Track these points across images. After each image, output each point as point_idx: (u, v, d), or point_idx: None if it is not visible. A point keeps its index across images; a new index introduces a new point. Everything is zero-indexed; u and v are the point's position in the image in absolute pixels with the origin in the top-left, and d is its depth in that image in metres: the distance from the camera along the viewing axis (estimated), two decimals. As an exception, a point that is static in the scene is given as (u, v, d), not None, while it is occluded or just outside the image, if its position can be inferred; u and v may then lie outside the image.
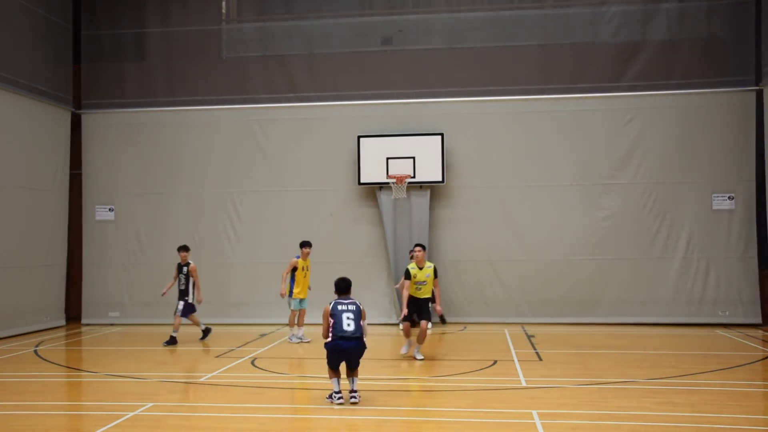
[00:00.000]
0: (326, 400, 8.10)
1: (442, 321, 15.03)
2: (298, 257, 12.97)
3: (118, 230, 16.52)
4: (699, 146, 15.12)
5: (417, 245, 11.15)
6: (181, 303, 12.89)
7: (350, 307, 8.20)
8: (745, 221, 14.94)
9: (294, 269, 12.89)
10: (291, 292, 12.89)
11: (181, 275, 13.03)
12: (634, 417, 7.30)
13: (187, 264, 13.03)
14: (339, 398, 7.99)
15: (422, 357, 11.02)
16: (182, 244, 13.49)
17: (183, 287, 12.99)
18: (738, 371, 10.01)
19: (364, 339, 8.19)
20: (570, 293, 15.30)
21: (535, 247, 15.47)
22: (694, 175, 15.11)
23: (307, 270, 13.09)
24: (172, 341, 12.79)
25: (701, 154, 15.12)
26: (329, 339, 8.07)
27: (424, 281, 10.90)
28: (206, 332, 13.37)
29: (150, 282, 15.64)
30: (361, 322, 8.16)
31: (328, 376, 8.19)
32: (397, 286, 14.88)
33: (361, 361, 8.24)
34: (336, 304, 8.21)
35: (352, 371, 8.21)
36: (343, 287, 8.39)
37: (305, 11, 16.71)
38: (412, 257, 11.44)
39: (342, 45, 16.43)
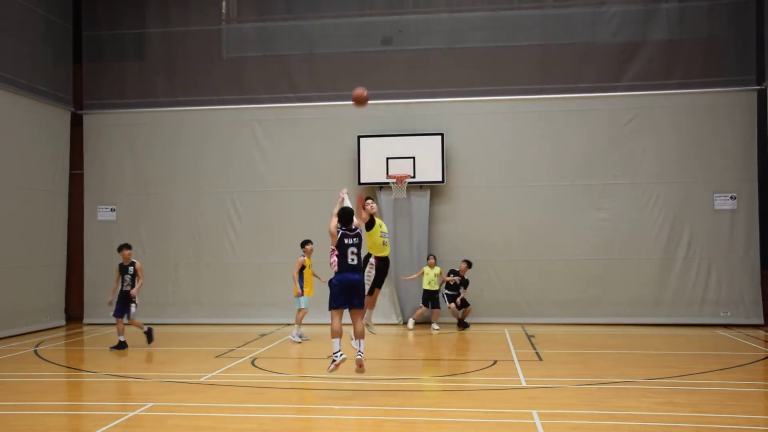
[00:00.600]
0: (329, 370, 8.46)
1: (464, 326, 14.64)
2: (303, 256, 12.96)
3: (120, 230, 16.50)
4: (700, 146, 15.10)
5: (367, 197, 10.10)
6: (133, 306, 12.20)
7: (354, 240, 8.73)
8: (747, 221, 14.91)
9: (302, 268, 12.88)
10: (301, 291, 12.86)
11: (126, 276, 12.14)
12: (634, 417, 7.29)
13: (132, 263, 12.23)
14: (341, 355, 8.34)
15: (376, 332, 10.59)
16: (123, 242, 12.69)
17: (129, 288, 12.16)
18: (738, 371, 10.00)
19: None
20: (570, 293, 15.28)
21: (536, 247, 15.45)
22: (696, 175, 15.08)
23: (311, 268, 13.08)
24: (120, 346, 12.13)
25: (703, 153, 15.09)
26: (334, 274, 8.62)
27: (387, 233, 10.37)
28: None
29: (151, 282, 15.55)
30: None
31: (330, 335, 8.47)
32: (413, 277, 14.88)
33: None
34: (343, 236, 8.68)
35: (357, 314, 8.55)
36: (346, 217, 8.80)
37: (305, 11, 16.71)
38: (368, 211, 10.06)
39: (342, 45, 16.42)
